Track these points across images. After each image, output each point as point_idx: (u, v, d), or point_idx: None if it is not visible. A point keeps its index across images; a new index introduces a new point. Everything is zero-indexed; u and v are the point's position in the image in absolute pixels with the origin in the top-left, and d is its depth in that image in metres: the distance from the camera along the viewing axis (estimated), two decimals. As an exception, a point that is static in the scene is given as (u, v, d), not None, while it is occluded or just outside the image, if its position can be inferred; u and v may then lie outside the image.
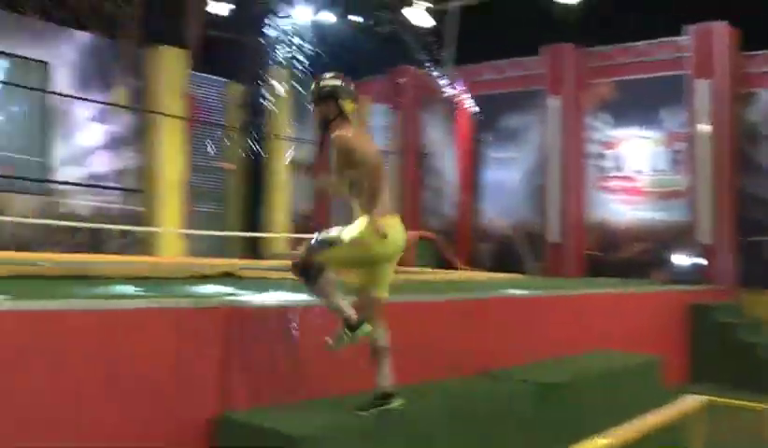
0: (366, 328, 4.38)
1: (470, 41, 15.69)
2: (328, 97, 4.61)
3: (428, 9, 14.73)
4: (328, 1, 15.17)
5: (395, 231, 4.45)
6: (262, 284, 6.58)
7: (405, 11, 14.62)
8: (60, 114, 13.66)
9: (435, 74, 15.54)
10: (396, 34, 15.01)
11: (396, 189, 15.55)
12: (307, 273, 4.45)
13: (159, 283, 6.12)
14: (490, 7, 14.43)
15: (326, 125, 4.59)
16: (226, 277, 7.35)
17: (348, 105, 4.60)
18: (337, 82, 4.64)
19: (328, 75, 4.70)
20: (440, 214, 16.61)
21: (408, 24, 14.87)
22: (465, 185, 16.03)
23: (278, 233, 15.27)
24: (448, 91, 15.66)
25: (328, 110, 4.61)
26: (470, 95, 15.67)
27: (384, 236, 4.31)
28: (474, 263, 15.12)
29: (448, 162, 16.50)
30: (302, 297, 4.93)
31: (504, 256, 15.26)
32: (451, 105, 16.02)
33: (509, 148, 15.67)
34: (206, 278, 6.89)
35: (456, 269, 14.01)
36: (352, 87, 4.66)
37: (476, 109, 15.69)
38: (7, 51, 12.98)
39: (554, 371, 6.41)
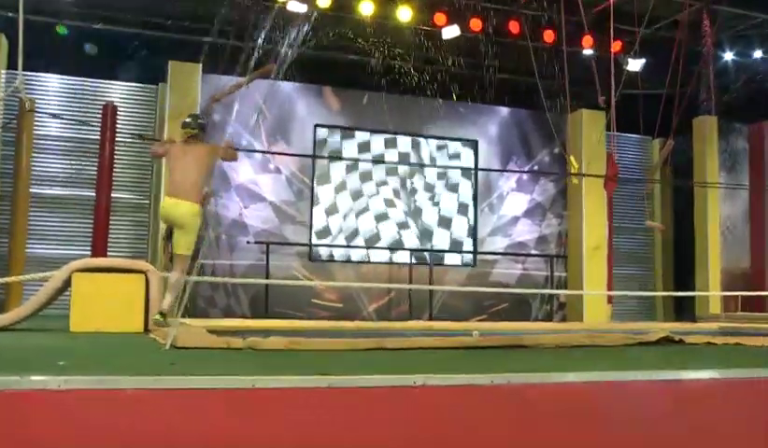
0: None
1: None
2: None
3: None
4: (759, 38, 13.89)
5: (165, 204, 6.87)
6: (716, 350, 5.92)
7: None
8: (486, 188, 14.35)
9: None
10: None
11: None
12: None
13: (604, 350, 5.79)
14: None
15: None
16: (666, 343, 6.75)
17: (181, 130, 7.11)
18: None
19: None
20: None
21: None
22: None
23: (709, 293, 14.03)
24: None
25: None
26: None
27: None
28: None
29: None
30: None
31: None
32: None
33: None
34: (645, 345, 6.39)
35: None
36: (186, 120, 7.10)
37: None
38: (443, 135, 14.13)
39: None
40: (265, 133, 12.96)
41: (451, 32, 12.79)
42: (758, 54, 14.30)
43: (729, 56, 14.42)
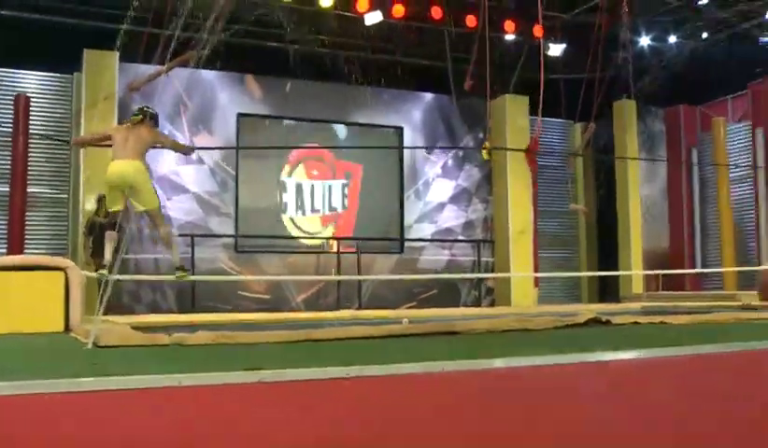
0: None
1: None
2: None
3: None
4: (674, 24, 14.23)
5: (110, 168, 7.04)
6: (642, 330, 6.03)
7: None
8: (412, 175, 14.33)
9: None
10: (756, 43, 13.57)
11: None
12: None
13: (535, 334, 5.82)
14: None
15: None
16: (594, 324, 6.86)
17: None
18: None
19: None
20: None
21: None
22: None
23: (632, 272, 14.38)
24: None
25: None
26: None
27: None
28: None
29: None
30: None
31: None
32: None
33: None
34: (573, 327, 6.46)
35: None
36: (135, 110, 7.47)
37: None
38: (367, 122, 14.02)
39: None
40: (187, 122, 12.64)
41: (374, 18, 12.71)
42: (672, 39, 14.68)
43: (645, 41, 14.76)
